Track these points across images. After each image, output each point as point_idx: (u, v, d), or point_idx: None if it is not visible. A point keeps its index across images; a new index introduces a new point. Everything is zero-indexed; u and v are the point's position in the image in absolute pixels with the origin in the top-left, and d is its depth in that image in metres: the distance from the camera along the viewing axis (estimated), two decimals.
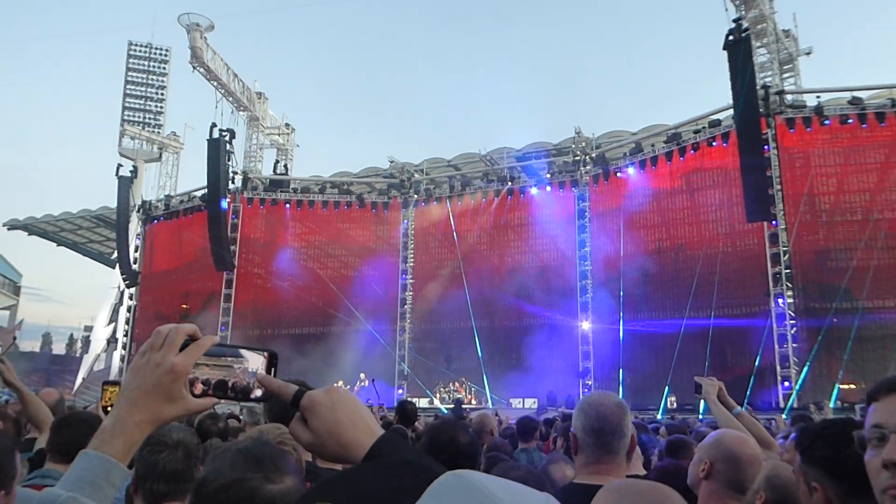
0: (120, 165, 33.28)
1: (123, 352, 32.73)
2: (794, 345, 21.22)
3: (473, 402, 25.48)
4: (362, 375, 25.88)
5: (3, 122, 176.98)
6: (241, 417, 7.44)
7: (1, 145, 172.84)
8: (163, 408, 1.10)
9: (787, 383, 20.86)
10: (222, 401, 1.17)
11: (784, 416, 17.81)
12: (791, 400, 20.34)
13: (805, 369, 20.70)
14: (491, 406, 24.14)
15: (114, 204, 33.54)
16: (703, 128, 24.82)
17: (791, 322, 21.39)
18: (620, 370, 24.06)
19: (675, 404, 21.78)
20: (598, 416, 2.20)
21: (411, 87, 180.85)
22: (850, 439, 1.47)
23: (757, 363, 21.28)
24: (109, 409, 3.67)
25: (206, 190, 28.85)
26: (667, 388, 21.86)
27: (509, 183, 29.22)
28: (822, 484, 1.70)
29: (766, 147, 21.73)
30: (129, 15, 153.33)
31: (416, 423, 8.23)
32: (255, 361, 1.21)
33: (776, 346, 21.29)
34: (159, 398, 1.10)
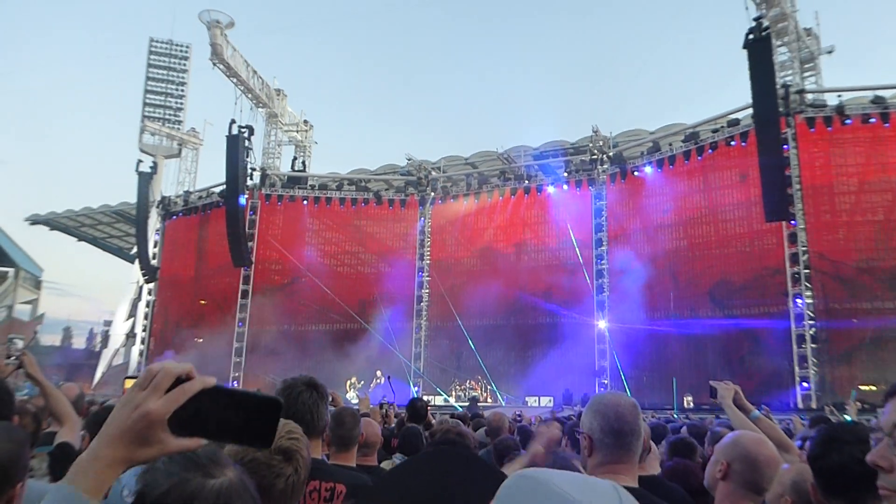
0: (140, 161, 33.65)
1: (142, 346, 33.05)
2: (813, 345, 21.00)
3: (489, 400, 25.49)
4: (378, 373, 25.92)
5: (26, 118, 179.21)
6: None
7: (23, 140, 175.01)
8: (136, 450, 1.07)
9: (805, 384, 20.67)
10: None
11: (802, 417, 17.69)
12: (811, 401, 20.15)
13: (823, 371, 20.49)
14: (504, 404, 24.14)
15: (133, 199, 33.89)
16: (722, 127, 24.62)
17: (810, 322, 21.18)
18: (636, 369, 23.98)
19: (691, 404, 21.66)
20: (616, 417, 2.19)
21: (429, 85, 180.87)
22: (850, 451, 1.53)
23: (775, 364, 21.10)
24: None
25: (224, 186, 29.06)
26: (674, 385, 21.67)
27: (526, 181, 29.18)
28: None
29: (785, 146, 21.49)
30: (151, 12, 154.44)
31: (431, 420, 8.25)
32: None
33: (795, 347, 21.08)
34: (133, 441, 1.07)
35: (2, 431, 1.96)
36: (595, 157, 27.67)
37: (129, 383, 3.77)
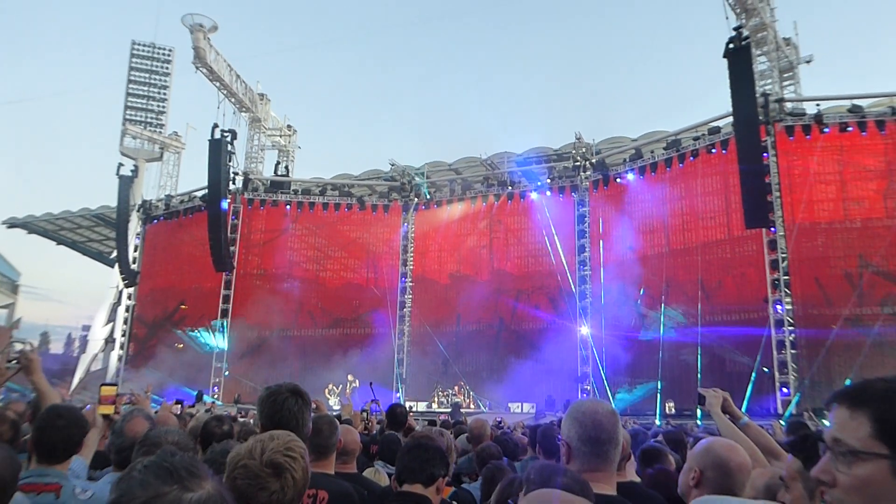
0: (121, 164, 33.23)
1: (121, 352, 32.64)
2: (793, 351, 21.24)
3: (472, 406, 25.49)
4: (350, 377, 25.84)
5: (5, 120, 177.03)
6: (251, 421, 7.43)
7: (2, 143, 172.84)
8: None
9: (785, 390, 20.89)
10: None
11: (782, 422, 17.86)
12: (790, 407, 20.34)
13: (806, 377, 20.70)
14: (486, 410, 24.14)
15: (114, 203, 33.49)
16: (703, 135, 24.89)
17: (789, 329, 21.42)
18: (618, 375, 24.09)
19: (673, 410, 21.81)
20: (593, 425, 2.19)
21: (414, 91, 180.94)
22: None
23: (755, 369, 21.29)
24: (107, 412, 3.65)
25: (206, 190, 28.83)
26: (658, 393, 21.82)
27: (510, 187, 29.29)
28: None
29: (765, 154, 21.74)
30: (133, 14, 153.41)
31: (414, 425, 8.24)
32: None
33: (775, 353, 21.31)
34: None
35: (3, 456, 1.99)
36: (578, 163, 27.84)
37: (105, 390, 3.75)
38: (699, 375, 21.95)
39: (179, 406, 9.42)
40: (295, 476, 1.86)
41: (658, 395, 22.10)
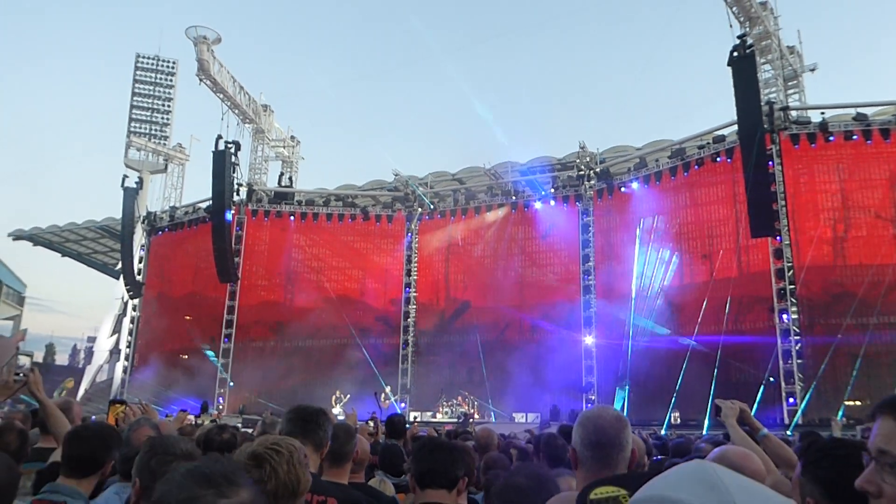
0: (126, 176, 33.46)
1: (126, 363, 32.69)
2: (800, 361, 21.09)
3: (476, 416, 25.37)
4: (338, 392, 25.75)
5: (11, 133, 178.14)
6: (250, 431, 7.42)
7: (8, 156, 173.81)
8: None
9: (792, 399, 20.73)
10: None
11: (789, 432, 17.74)
12: (796, 417, 20.21)
13: (812, 386, 20.57)
14: (494, 420, 24.03)
15: (119, 215, 33.65)
16: (708, 143, 24.87)
17: (796, 338, 21.28)
18: (626, 385, 23.98)
19: (678, 420, 21.67)
20: (595, 429, 2.16)
21: (416, 101, 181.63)
22: (857, 464, 1.41)
23: (762, 379, 21.16)
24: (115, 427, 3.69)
25: (210, 201, 28.94)
26: (672, 402, 21.74)
27: (513, 197, 29.29)
28: (818, 502, 1.68)
29: (770, 163, 21.68)
30: (138, 27, 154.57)
31: (416, 432, 8.21)
32: None
33: (781, 363, 21.16)
34: None
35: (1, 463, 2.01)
36: (582, 172, 27.83)
37: (115, 408, 3.81)
38: (709, 383, 21.82)
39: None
40: (277, 469, 1.88)
41: (670, 405, 21.96)
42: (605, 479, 1.97)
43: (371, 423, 8.19)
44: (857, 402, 20.22)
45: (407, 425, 7.29)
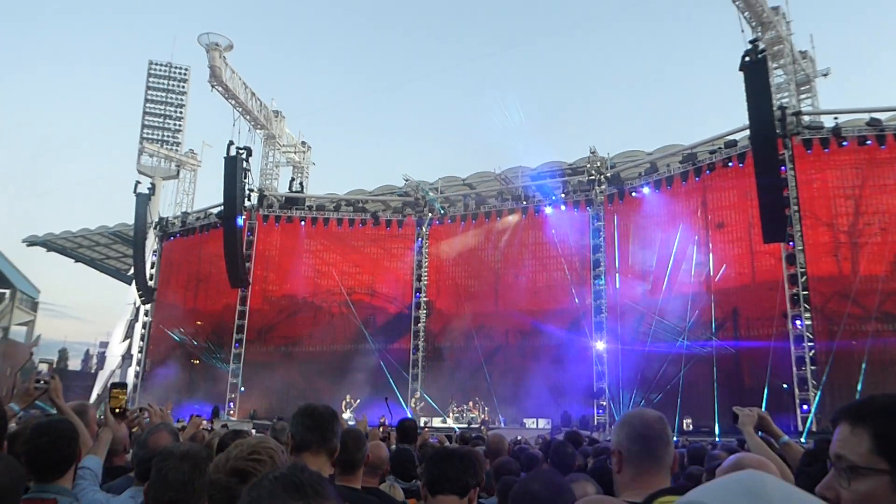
0: (138, 182, 33.67)
1: (138, 368, 32.88)
2: (813, 367, 20.90)
3: (492, 422, 25.29)
4: (348, 397, 25.79)
5: (25, 139, 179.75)
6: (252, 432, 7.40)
7: (22, 162, 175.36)
8: None
9: (805, 407, 20.54)
10: None
11: (803, 439, 17.60)
12: (808, 424, 20.03)
13: (820, 392, 20.38)
14: (503, 425, 23.97)
15: (131, 221, 33.89)
16: (719, 148, 24.76)
17: (809, 345, 21.11)
18: (634, 391, 23.87)
19: (690, 426, 21.54)
20: (641, 423, 2.18)
21: (427, 106, 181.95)
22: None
23: (774, 385, 20.99)
24: (118, 410, 3.77)
25: (222, 207, 29.07)
26: (678, 407, 21.62)
27: (524, 202, 29.27)
28: None
29: (782, 168, 21.57)
30: (151, 35, 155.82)
31: (428, 438, 8.19)
32: None
33: (794, 369, 20.99)
34: None
35: (2, 465, 2.03)
36: (593, 177, 27.77)
37: (115, 391, 3.85)
38: (720, 390, 21.70)
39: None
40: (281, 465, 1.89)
41: (677, 411, 21.83)
42: (668, 490, 1.97)
43: (381, 429, 8.19)
44: None
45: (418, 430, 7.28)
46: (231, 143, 28.09)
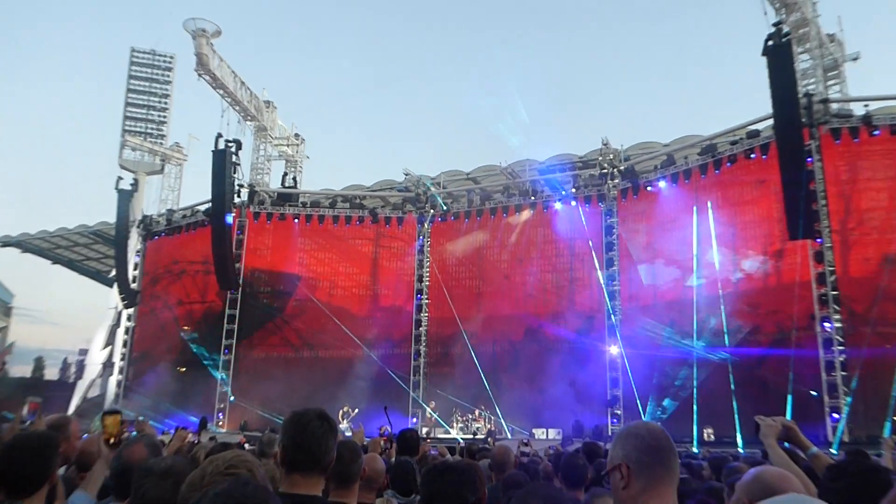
0: (120, 178, 33.66)
1: (120, 376, 32.78)
2: (843, 373, 20.76)
3: (499, 433, 25.30)
4: (345, 407, 25.81)
5: None
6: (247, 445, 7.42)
7: None
8: None
9: (835, 415, 20.42)
10: None
11: (834, 450, 17.53)
12: (839, 433, 19.95)
13: (855, 401, 20.28)
14: (510, 437, 23.95)
15: (112, 219, 33.89)
16: (741, 139, 24.68)
17: (839, 349, 20.94)
18: (650, 398, 23.85)
19: (711, 437, 21.49)
20: (649, 433, 2.17)
21: (428, 96, 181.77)
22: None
23: (800, 392, 20.88)
24: (112, 441, 3.71)
25: (210, 204, 29.08)
26: (695, 419, 21.62)
27: (532, 197, 29.23)
28: None
29: (809, 159, 21.46)
30: (133, 20, 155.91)
31: (428, 449, 8.18)
32: None
33: (823, 375, 20.85)
34: None
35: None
36: (605, 171, 27.71)
37: (109, 419, 3.72)
38: (741, 397, 21.63)
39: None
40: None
41: (694, 419, 21.81)
42: None
43: (382, 441, 8.18)
44: None
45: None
46: (219, 135, 28.08)
